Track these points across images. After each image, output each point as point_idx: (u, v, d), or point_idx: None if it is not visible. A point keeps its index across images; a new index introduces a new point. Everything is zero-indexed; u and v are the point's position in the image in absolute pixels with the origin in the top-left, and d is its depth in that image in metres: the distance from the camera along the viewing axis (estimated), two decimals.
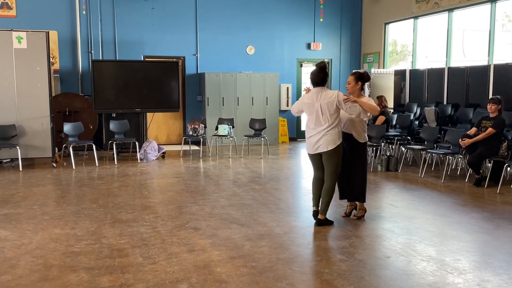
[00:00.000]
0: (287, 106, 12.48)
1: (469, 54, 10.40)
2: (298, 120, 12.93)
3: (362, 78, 5.17)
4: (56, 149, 9.21)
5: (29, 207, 5.79)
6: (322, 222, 4.97)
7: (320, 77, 4.88)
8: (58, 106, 9.79)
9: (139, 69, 10.00)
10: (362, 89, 5.22)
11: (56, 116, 9.33)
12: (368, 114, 5.00)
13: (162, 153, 9.76)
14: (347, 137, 5.05)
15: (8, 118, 8.47)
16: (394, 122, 9.67)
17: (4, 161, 8.85)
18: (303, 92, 5.32)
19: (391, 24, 12.28)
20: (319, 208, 5.01)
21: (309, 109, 4.88)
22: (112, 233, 4.75)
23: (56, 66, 10.85)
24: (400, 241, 4.54)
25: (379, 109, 5.30)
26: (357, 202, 5.34)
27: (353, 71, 5.59)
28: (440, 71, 9.85)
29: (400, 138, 9.03)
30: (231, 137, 10.11)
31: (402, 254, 4.20)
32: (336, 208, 5.58)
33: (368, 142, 8.53)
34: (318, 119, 4.80)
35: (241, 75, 11.83)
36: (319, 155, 4.90)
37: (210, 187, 6.94)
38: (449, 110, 9.24)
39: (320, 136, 4.80)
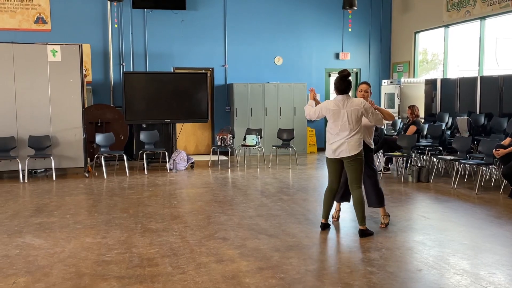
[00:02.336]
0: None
1: (503, 63, 10.16)
2: (326, 130, 12.81)
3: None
4: (88, 159, 9.40)
5: (62, 216, 5.92)
6: (364, 233, 4.99)
7: (345, 85, 4.97)
8: (90, 117, 10.01)
9: (168, 80, 10.15)
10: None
11: (88, 127, 9.55)
12: (384, 122, 5.18)
13: (191, 163, 9.85)
14: None
15: (43, 129, 8.71)
16: (425, 132, 9.51)
17: (39, 171, 9.09)
18: (308, 93, 5.53)
19: (421, 33, 12.13)
20: (357, 219, 5.03)
21: (334, 116, 4.97)
22: (142, 242, 4.81)
23: (89, 78, 11.12)
24: (432, 254, 4.44)
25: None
26: (380, 209, 5.39)
27: (363, 81, 5.71)
28: (472, 80, 9.66)
29: (431, 148, 8.87)
30: (259, 147, 10.13)
31: (434, 267, 4.10)
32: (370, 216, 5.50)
33: (398, 153, 8.50)
34: (344, 125, 4.91)
35: (269, 85, 11.86)
36: (340, 161, 4.98)
37: (238, 197, 6.95)
38: (482, 119, 9.03)
39: (343, 142, 4.91)
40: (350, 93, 5.04)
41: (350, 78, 5.02)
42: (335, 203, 5.51)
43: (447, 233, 5.13)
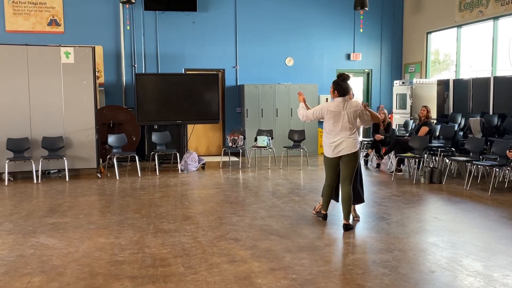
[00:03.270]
0: None
1: None
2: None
3: None
4: (101, 160, 9.48)
5: (75, 216, 5.97)
6: (348, 227, 5.27)
7: (346, 88, 5.30)
8: (103, 118, 10.09)
9: (180, 81, 10.20)
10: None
11: (100, 128, 9.63)
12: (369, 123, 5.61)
13: (202, 164, 9.88)
14: None
15: (56, 130, 8.80)
16: (437, 133, 9.45)
17: (52, 171, 9.18)
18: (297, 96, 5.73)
19: (433, 33, 12.06)
20: (343, 214, 5.35)
21: (335, 117, 5.27)
22: (155, 242, 4.84)
23: (101, 79, 11.21)
24: (445, 255, 4.41)
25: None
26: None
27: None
28: (485, 81, 9.57)
29: (444, 149, 8.80)
30: (270, 148, 10.13)
31: (447, 268, 4.08)
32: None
33: (410, 154, 8.46)
34: (345, 125, 5.24)
35: (280, 86, 11.86)
36: (338, 159, 5.31)
37: (249, 198, 6.97)
38: (495, 120, 8.94)
39: (343, 140, 5.24)
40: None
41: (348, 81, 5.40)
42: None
43: (460, 234, 5.09)
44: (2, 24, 10.75)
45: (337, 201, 5.69)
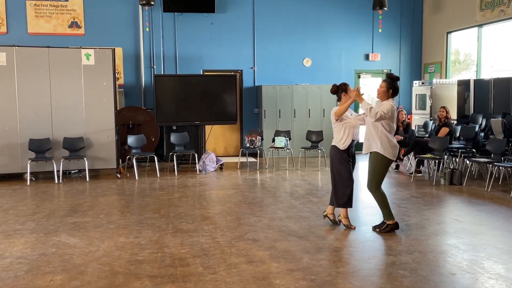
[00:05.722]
0: None
1: None
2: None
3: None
4: (120, 160, 9.59)
5: (96, 216, 6.06)
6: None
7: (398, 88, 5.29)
8: (122, 119, 10.21)
9: (198, 82, 10.27)
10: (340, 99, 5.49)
11: (120, 128, 9.74)
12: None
13: (220, 164, 9.92)
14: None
15: (77, 131, 8.93)
16: (457, 134, 9.33)
17: (73, 171, 9.32)
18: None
19: (453, 33, 11.91)
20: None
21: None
22: (174, 242, 4.88)
23: (121, 81, 11.34)
24: (466, 258, 4.36)
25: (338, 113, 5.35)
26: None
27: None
28: (507, 81, 9.42)
29: (464, 150, 8.69)
30: (288, 149, 10.12)
31: (468, 271, 4.03)
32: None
33: (429, 155, 8.36)
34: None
35: (298, 87, 11.84)
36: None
37: (267, 199, 6.97)
38: None
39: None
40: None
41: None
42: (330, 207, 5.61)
43: (481, 236, 5.02)
44: (25, 27, 10.96)
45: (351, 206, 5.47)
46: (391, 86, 5.13)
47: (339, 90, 5.44)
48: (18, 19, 10.95)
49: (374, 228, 5.24)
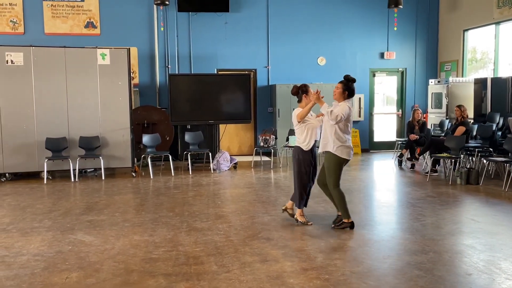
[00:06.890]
0: (359, 116, 12.31)
1: None
2: (370, 131, 12.69)
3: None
4: (135, 159, 9.66)
5: (111, 214, 6.11)
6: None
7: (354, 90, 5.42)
8: (137, 119, 10.28)
9: (212, 82, 10.29)
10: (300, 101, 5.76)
11: (135, 128, 9.81)
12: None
13: (234, 163, 9.94)
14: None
15: (93, 130, 9.01)
16: (474, 133, 9.21)
17: (88, 170, 9.41)
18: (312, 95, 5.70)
19: (470, 31, 11.76)
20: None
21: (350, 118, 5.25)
22: (188, 241, 4.90)
23: (136, 80, 11.42)
24: (482, 258, 4.30)
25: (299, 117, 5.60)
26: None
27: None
28: None
29: (481, 149, 8.58)
30: None
31: (485, 271, 3.98)
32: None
33: (445, 154, 8.27)
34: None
35: (312, 86, 11.76)
36: None
37: (281, 198, 6.96)
38: None
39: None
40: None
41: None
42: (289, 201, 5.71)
43: (498, 237, 4.96)
44: (42, 27, 11.09)
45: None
46: (347, 87, 5.26)
47: (300, 91, 5.60)
48: (35, 20, 11.09)
49: (332, 223, 5.36)
